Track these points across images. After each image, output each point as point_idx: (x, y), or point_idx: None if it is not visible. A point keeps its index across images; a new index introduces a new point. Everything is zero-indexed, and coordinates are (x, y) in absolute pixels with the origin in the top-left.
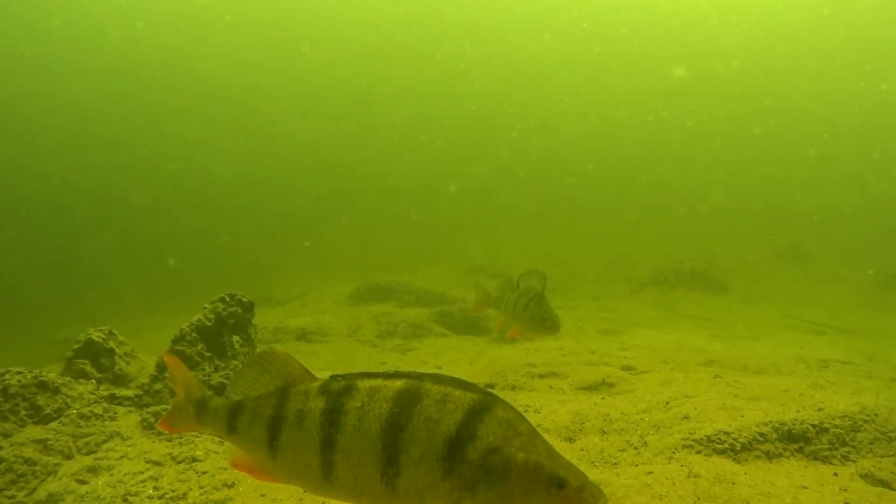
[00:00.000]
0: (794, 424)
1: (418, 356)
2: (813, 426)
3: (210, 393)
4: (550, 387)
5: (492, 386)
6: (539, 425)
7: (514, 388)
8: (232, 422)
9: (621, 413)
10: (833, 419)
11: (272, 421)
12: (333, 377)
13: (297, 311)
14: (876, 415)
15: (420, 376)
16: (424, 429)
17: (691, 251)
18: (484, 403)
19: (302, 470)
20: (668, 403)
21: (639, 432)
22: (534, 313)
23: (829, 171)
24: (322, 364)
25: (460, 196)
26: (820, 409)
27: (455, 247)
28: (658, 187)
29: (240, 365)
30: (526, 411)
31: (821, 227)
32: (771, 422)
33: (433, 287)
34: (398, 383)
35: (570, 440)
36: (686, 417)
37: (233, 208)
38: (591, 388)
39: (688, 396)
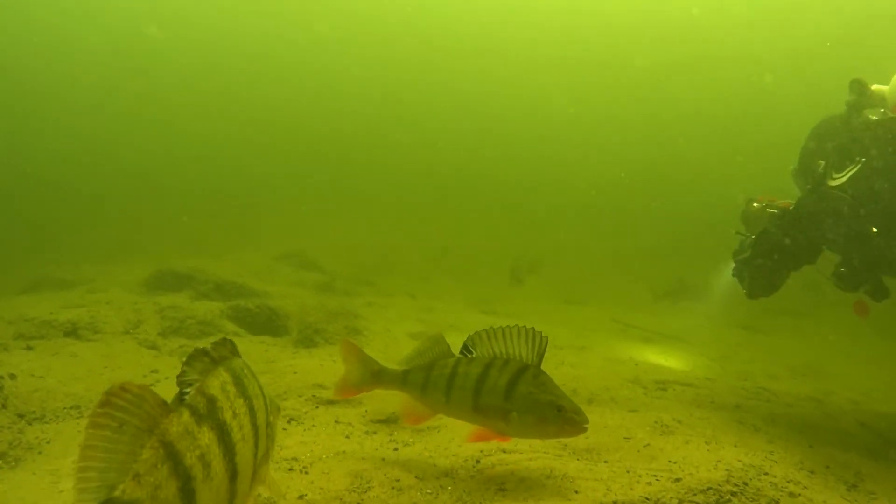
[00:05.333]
0: None
1: None
2: None
3: None
4: (337, 420)
5: None
6: (303, 496)
7: (290, 420)
8: None
9: (416, 477)
10: (695, 495)
11: None
12: None
13: (80, 298)
14: (745, 483)
15: None
16: None
17: (515, 248)
18: None
19: None
20: (479, 461)
21: None
22: (539, 401)
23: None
24: (82, 370)
25: (280, 176)
26: (677, 480)
27: (269, 229)
28: (489, 181)
29: None
30: (291, 470)
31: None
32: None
33: (234, 277)
34: None
35: None
36: (502, 489)
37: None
38: (389, 421)
39: (504, 451)
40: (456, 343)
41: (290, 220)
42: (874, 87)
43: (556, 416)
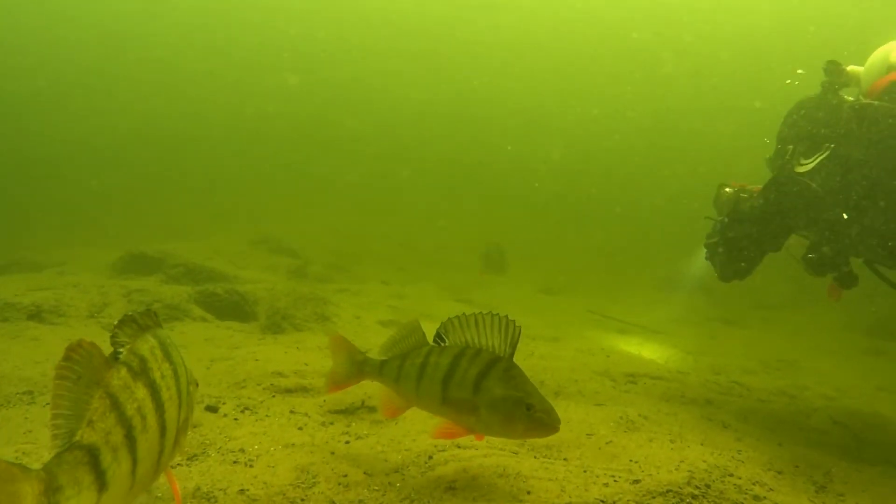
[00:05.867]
0: None
1: None
2: None
3: None
4: (292, 411)
5: (214, 409)
6: (244, 491)
7: (244, 410)
8: None
9: (365, 472)
10: (653, 498)
11: None
12: None
13: (48, 280)
14: (707, 486)
15: None
16: None
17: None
18: None
19: None
20: (432, 456)
21: None
22: (508, 397)
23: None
24: (41, 355)
25: (260, 160)
26: (636, 482)
27: (246, 213)
28: (471, 170)
29: None
30: (236, 463)
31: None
32: None
33: (206, 261)
34: None
35: None
36: (451, 488)
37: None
38: (347, 412)
39: (459, 446)
40: (428, 332)
41: (267, 205)
42: (850, 68)
43: (525, 415)
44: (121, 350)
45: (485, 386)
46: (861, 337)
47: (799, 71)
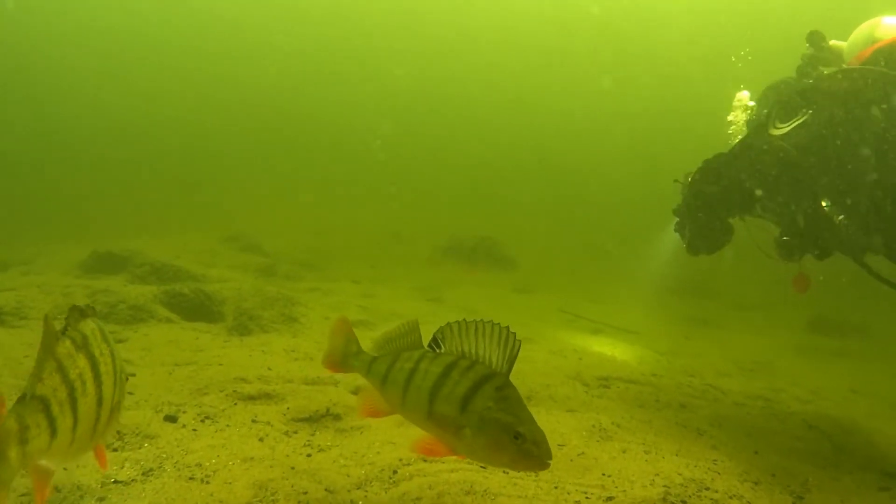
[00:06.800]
0: None
1: (126, 350)
2: None
3: None
4: (254, 419)
5: (174, 418)
6: None
7: (204, 419)
8: None
9: (326, 489)
10: None
11: None
12: None
13: (12, 280)
14: (683, 502)
15: None
16: None
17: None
18: None
19: None
20: (396, 471)
21: None
22: (496, 421)
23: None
24: (0, 360)
25: (234, 155)
26: (609, 499)
27: (218, 209)
28: (437, 165)
29: None
30: (192, 479)
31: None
32: None
33: (173, 260)
34: None
35: None
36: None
37: None
38: (312, 419)
39: (426, 460)
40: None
41: (240, 200)
42: (832, 42)
43: (511, 443)
44: (67, 327)
45: (473, 404)
46: (829, 337)
47: None
